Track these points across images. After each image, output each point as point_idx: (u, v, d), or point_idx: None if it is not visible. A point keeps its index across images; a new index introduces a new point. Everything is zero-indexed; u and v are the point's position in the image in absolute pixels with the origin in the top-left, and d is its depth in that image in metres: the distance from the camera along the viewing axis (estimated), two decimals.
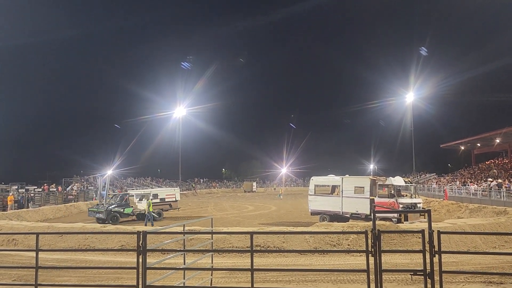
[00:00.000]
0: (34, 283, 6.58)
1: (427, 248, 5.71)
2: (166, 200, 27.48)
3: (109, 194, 27.49)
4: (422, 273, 5.70)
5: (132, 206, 25.20)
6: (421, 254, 5.73)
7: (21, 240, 15.76)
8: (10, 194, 32.39)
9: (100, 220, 23.73)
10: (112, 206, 24.37)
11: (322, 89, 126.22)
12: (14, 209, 29.04)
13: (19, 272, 10.83)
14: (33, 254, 6.89)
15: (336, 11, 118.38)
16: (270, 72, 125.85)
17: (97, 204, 26.26)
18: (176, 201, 28.17)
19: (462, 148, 57.63)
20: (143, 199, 25.50)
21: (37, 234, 6.75)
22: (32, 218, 25.45)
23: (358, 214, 20.99)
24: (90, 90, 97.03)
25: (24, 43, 72.56)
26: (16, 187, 37.54)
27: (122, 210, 24.51)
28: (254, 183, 77.59)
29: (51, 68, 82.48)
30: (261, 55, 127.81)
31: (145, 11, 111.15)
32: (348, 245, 13.18)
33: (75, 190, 42.75)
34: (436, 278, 5.64)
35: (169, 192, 28.34)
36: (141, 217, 24.74)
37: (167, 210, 27.48)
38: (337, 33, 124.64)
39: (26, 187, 39.23)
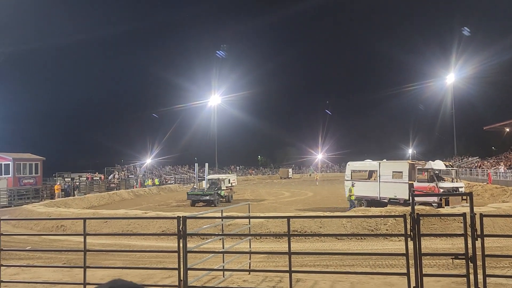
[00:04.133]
0: (82, 265, 6.95)
1: (469, 232, 5.57)
2: (232, 184, 31.27)
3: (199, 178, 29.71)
4: (463, 257, 5.59)
5: (223, 189, 27.80)
6: (463, 238, 5.61)
7: (69, 226, 16.60)
8: (57, 183, 34.10)
9: (195, 202, 26.35)
10: (216, 189, 26.83)
11: (357, 72, 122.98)
12: (61, 197, 30.57)
13: (68, 256, 11.46)
14: (80, 239, 7.27)
15: None
16: (304, 57, 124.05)
17: (194, 188, 28.39)
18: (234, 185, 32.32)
19: (507, 130, 55.00)
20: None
21: (85, 219, 7.10)
22: (78, 205, 26.68)
23: (396, 199, 20.60)
24: (130, 80, 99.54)
25: (70, 38, 75.29)
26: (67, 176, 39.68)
27: (220, 192, 27.26)
28: (290, 170, 77.47)
29: (92, 60, 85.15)
30: (295, 40, 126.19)
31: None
32: (387, 230, 13.01)
33: (117, 179, 44.37)
34: (479, 262, 5.51)
35: (233, 178, 32.89)
36: (210, 202, 26.33)
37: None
38: (372, 13, 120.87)
39: (71, 176, 41.14)
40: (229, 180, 30.25)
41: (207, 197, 26.22)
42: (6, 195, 28.42)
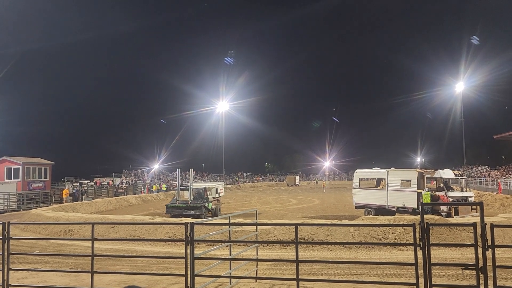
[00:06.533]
0: (90, 270, 6.97)
1: (479, 242, 5.50)
2: (220, 195, 26.40)
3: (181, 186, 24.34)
4: (474, 267, 5.51)
5: (211, 201, 23.41)
6: (473, 248, 5.53)
7: (76, 230, 16.67)
8: (66, 188, 34.34)
9: (177, 217, 21.18)
10: (202, 202, 22.34)
11: (366, 80, 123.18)
12: (70, 201, 30.75)
13: (75, 261, 11.48)
14: (88, 244, 7.29)
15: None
16: (312, 64, 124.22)
17: (175, 199, 23.28)
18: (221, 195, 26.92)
19: None
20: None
21: (93, 224, 7.13)
22: (86, 210, 26.81)
23: (405, 207, 20.42)
24: (138, 86, 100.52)
25: (73, 41, 76.05)
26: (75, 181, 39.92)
27: (207, 205, 22.67)
28: (297, 177, 77.34)
29: (101, 65, 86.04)
30: (303, 46, 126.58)
31: (188, 5, 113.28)
32: (395, 239, 12.89)
33: (124, 184, 44.56)
34: (490, 273, 5.43)
35: (221, 187, 27.56)
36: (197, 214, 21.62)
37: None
38: (382, 20, 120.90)
39: (80, 181, 41.41)
40: (216, 189, 25.24)
41: (192, 211, 21.66)
42: (15, 199, 28.67)
